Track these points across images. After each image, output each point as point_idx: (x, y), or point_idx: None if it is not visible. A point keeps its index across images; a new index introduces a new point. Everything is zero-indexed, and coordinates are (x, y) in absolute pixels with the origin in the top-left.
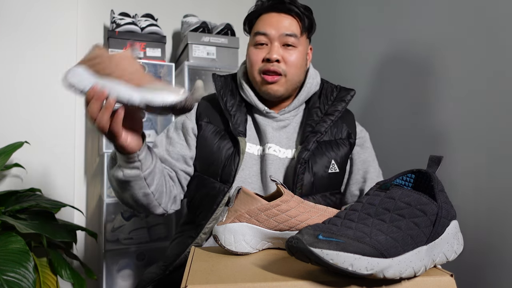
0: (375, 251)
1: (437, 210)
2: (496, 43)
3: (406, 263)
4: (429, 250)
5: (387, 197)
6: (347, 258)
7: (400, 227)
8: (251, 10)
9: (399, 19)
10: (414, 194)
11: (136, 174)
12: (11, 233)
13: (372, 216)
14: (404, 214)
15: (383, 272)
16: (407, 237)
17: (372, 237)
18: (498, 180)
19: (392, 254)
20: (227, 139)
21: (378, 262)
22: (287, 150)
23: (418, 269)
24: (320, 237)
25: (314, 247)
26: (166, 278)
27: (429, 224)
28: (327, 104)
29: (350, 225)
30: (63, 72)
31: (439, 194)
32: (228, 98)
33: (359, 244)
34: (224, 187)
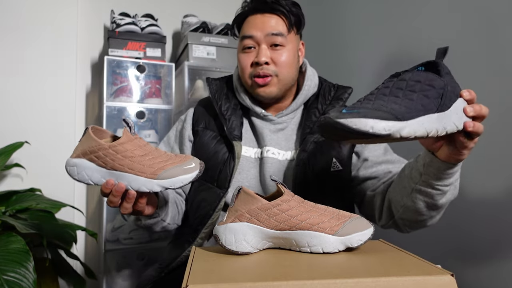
0: (391, 116)
1: (443, 84)
2: (496, 42)
3: (419, 125)
4: (440, 118)
5: (400, 79)
6: (368, 122)
7: (412, 99)
8: (236, 13)
9: (399, 18)
10: (422, 73)
11: (155, 222)
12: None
13: (387, 95)
14: (415, 89)
15: (399, 132)
16: (418, 105)
17: (388, 106)
18: (498, 179)
19: (406, 118)
20: (223, 144)
21: (394, 124)
22: (287, 152)
23: (430, 130)
24: (344, 111)
25: (340, 118)
26: (162, 280)
27: (437, 96)
28: (325, 104)
29: (369, 102)
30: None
31: (445, 76)
32: (223, 102)
33: (377, 112)
34: (220, 192)
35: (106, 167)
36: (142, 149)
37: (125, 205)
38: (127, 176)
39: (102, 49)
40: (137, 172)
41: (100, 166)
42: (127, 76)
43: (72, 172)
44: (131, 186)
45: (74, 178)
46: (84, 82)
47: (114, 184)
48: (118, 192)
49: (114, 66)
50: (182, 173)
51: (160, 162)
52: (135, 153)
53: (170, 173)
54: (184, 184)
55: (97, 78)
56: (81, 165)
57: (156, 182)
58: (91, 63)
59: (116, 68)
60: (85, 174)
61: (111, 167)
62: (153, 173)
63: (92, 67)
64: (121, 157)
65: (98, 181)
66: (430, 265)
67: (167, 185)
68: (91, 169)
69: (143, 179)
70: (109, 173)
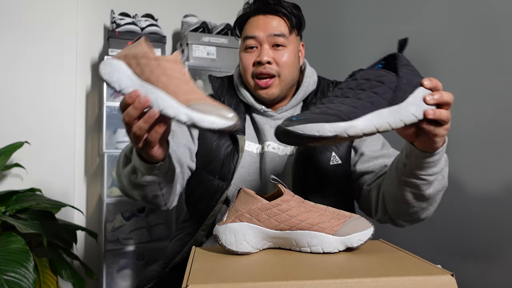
0: (336, 118)
1: (396, 79)
2: (495, 42)
3: (366, 123)
4: (394, 112)
5: (352, 79)
6: (313, 127)
7: (361, 98)
8: (239, 14)
9: (398, 17)
10: (372, 71)
11: (152, 180)
12: (11, 233)
13: (339, 96)
14: (364, 87)
15: (346, 132)
16: (366, 103)
17: (334, 109)
18: (498, 179)
19: (352, 118)
20: (226, 137)
21: (339, 125)
22: (286, 147)
23: (380, 126)
24: (293, 119)
25: (289, 126)
26: (166, 275)
27: (389, 91)
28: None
29: (319, 106)
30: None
31: (402, 67)
32: (226, 97)
33: (322, 116)
34: (223, 184)
35: (141, 76)
36: (185, 76)
37: (141, 125)
38: (157, 92)
39: (102, 49)
40: (170, 92)
41: (136, 73)
42: None
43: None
44: (157, 103)
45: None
46: (84, 82)
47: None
48: (141, 105)
49: None
50: (216, 114)
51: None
52: (176, 75)
53: (203, 108)
54: (212, 127)
55: (97, 78)
56: (116, 66)
57: (185, 110)
58: (91, 63)
59: None
60: (115, 76)
61: (146, 78)
62: (186, 100)
63: (92, 67)
64: (161, 72)
65: (125, 87)
66: (430, 265)
67: (195, 119)
68: (124, 74)
69: (173, 101)
70: (141, 84)
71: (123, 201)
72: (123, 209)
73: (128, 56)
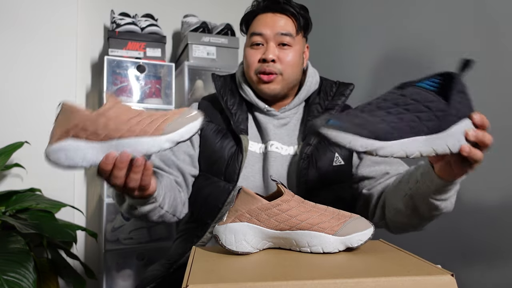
0: (370, 134)
1: (444, 107)
2: (495, 42)
3: (399, 147)
4: (430, 140)
5: (401, 94)
6: (346, 137)
7: (403, 119)
8: (247, 10)
9: (398, 17)
10: (423, 92)
11: (152, 208)
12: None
13: (381, 108)
14: (410, 108)
15: (376, 151)
16: (406, 127)
17: (373, 124)
18: (498, 179)
19: (387, 138)
20: (229, 138)
21: (372, 143)
22: (289, 147)
23: (410, 153)
24: (330, 121)
25: (323, 128)
26: (170, 276)
27: (433, 119)
28: (327, 100)
29: (358, 115)
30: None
31: (456, 94)
32: (229, 97)
33: (358, 128)
34: (229, 185)
35: (99, 139)
36: (133, 110)
37: (133, 177)
38: (128, 142)
39: (102, 49)
40: (139, 133)
41: (91, 140)
42: (127, 76)
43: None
44: (136, 150)
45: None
46: (84, 82)
47: (116, 156)
48: (124, 163)
49: (114, 66)
50: (188, 121)
51: (159, 118)
52: (128, 114)
53: (175, 125)
54: (193, 133)
55: (97, 78)
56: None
57: (164, 138)
58: (91, 63)
59: (116, 68)
60: (76, 156)
61: (106, 136)
62: (157, 130)
63: (92, 67)
64: (115, 123)
65: (95, 159)
66: (430, 265)
67: (177, 138)
68: (82, 149)
69: (149, 138)
70: (105, 145)
71: None
72: None
73: (68, 131)
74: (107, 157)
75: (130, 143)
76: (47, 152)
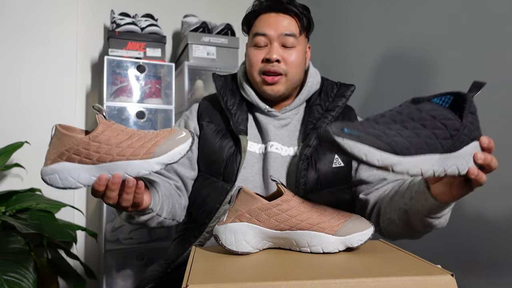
0: (388, 147)
1: (458, 126)
2: (494, 41)
3: (415, 164)
4: (442, 159)
5: (416, 109)
6: (362, 149)
7: (419, 135)
8: (249, 10)
9: (399, 18)
10: (441, 109)
11: (149, 217)
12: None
13: (397, 122)
14: (426, 124)
15: (392, 166)
16: (422, 143)
17: (390, 137)
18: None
19: (404, 154)
20: (229, 138)
21: (389, 157)
22: (289, 148)
23: (425, 171)
24: (345, 130)
25: (337, 136)
26: (168, 276)
27: (448, 137)
28: (328, 101)
29: (374, 126)
30: (41, 173)
31: (468, 115)
32: (229, 97)
33: (374, 140)
34: (227, 185)
35: (92, 162)
36: (125, 132)
37: (126, 197)
38: (120, 165)
39: (102, 49)
40: (129, 156)
41: (85, 163)
42: (127, 76)
43: (54, 180)
44: (127, 173)
45: (58, 187)
46: (84, 82)
47: (108, 178)
48: (116, 185)
49: (114, 66)
50: (177, 144)
51: (149, 140)
52: (119, 138)
53: (164, 147)
54: (182, 155)
55: (97, 78)
56: (62, 169)
57: (154, 160)
58: (91, 63)
59: (116, 68)
60: (70, 178)
61: (98, 160)
62: (147, 153)
63: (92, 67)
64: (106, 147)
65: (88, 181)
66: (430, 265)
67: (166, 161)
68: (75, 170)
69: (139, 161)
70: (98, 167)
71: None
72: None
73: (62, 153)
74: (99, 179)
75: (121, 166)
76: (43, 173)
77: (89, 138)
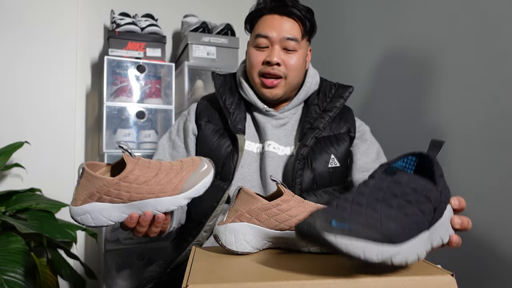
0: (385, 238)
1: (438, 196)
2: (494, 41)
3: (412, 250)
4: (430, 235)
5: (394, 182)
6: (360, 245)
7: (408, 214)
8: (252, 9)
9: (399, 18)
10: (420, 180)
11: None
12: (11, 233)
13: (380, 201)
14: (411, 200)
15: (391, 259)
16: (413, 223)
17: (383, 224)
18: (497, 178)
19: (400, 241)
20: (226, 137)
21: (388, 249)
22: (286, 148)
23: (421, 254)
24: (333, 224)
25: (328, 233)
26: (167, 276)
27: (432, 211)
28: (326, 101)
29: (360, 211)
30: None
31: (439, 179)
32: (227, 96)
33: (370, 232)
34: (224, 184)
35: (122, 201)
36: (151, 169)
37: (154, 230)
38: (149, 202)
39: (102, 49)
40: (158, 194)
41: (116, 202)
42: (127, 76)
43: (86, 220)
44: (157, 210)
45: (89, 226)
46: (84, 82)
47: (139, 215)
48: (147, 222)
49: (114, 66)
50: (201, 178)
51: (176, 176)
52: (147, 176)
53: (191, 182)
54: (206, 187)
55: (97, 78)
56: (94, 209)
57: (182, 196)
58: (91, 63)
59: (116, 68)
60: (102, 217)
61: (129, 199)
62: (175, 189)
63: (92, 67)
64: (136, 186)
65: (119, 218)
66: (430, 265)
67: (193, 195)
68: (107, 210)
69: (168, 198)
70: (128, 206)
71: None
72: None
73: (93, 194)
74: (131, 217)
75: (151, 203)
76: (74, 214)
77: (119, 179)
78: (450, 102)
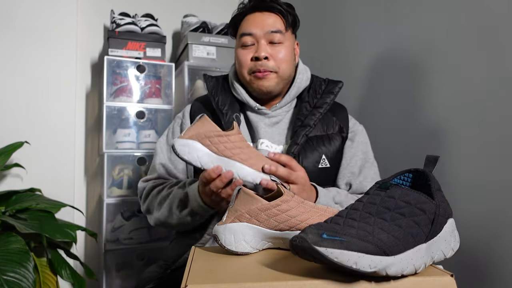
0: (377, 249)
1: (435, 208)
2: (493, 41)
3: (408, 261)
4: (428, 247)
5: (387, 196)
6: (351, 256)
7: (401, 226)
8: (234, 13)
9: (397, 17)
10: (413, 193)
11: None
12: (11, 233)
13: (373, 215)
14: (404, 212)
15: (385, 270)
16: (408, 235)
17: (375, 235)
18: (497, 178)
19: (394, 252)
20: None
21: (381, 260)
22: (279, 146)
23: (418, 267)
24: (324, 236)
25: (319, 245)
26: (167, 277)
27: (428, 223)
28: (316, 98)
29: (353, 224)
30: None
31: (436, 193)
32: (220, 97)
33: (362, 243)
34: None
35: (217, 153)
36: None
37: (228, 192)
38: (235, 164)
39: (102, 49)
40: (245, 162)
41: (212, 151)
42: (127, 76)
43: (183, 151)
44: (238, 174)
45: (183, 157)
46: (84, 82)
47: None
48: (226, 179)
49: (114, 66)
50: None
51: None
52: (242, 145)
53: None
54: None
55: (97, 78)
56: (193, 146)
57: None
58: (91, 63)
59: (116, 68)
60: (195, 155)
61: (223, 153)
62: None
63: (92, 67)
64: (232, 146)
65: (206, 164)
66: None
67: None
68: (202, 152)
69: (251, 170)
70: (219, 159)
71: (123, 201)
72: (123, 209)
73: (200, 135)
74: (216, 167)
75: (236, 166)
76: (176, 142)
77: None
78: (449, 102)
